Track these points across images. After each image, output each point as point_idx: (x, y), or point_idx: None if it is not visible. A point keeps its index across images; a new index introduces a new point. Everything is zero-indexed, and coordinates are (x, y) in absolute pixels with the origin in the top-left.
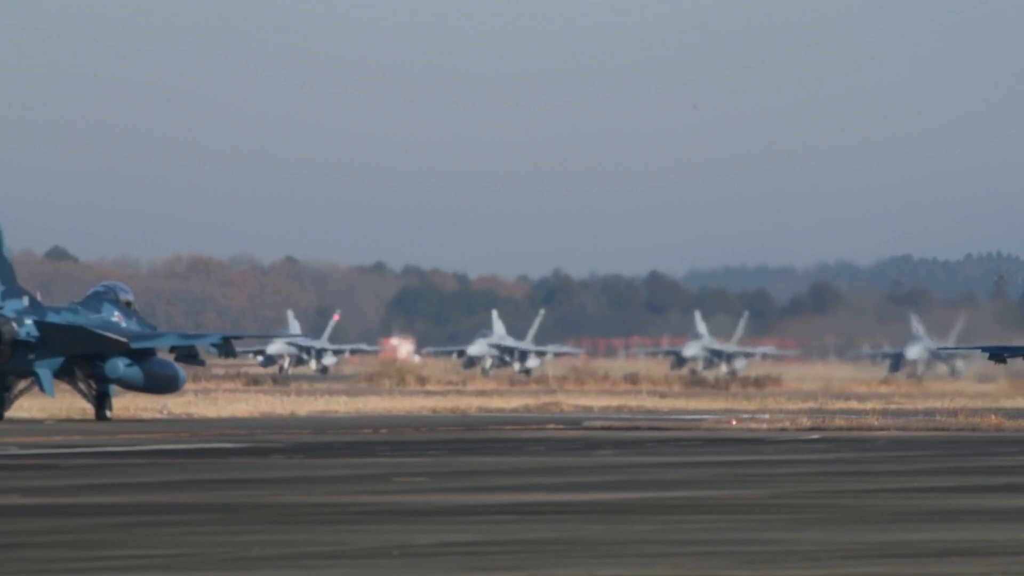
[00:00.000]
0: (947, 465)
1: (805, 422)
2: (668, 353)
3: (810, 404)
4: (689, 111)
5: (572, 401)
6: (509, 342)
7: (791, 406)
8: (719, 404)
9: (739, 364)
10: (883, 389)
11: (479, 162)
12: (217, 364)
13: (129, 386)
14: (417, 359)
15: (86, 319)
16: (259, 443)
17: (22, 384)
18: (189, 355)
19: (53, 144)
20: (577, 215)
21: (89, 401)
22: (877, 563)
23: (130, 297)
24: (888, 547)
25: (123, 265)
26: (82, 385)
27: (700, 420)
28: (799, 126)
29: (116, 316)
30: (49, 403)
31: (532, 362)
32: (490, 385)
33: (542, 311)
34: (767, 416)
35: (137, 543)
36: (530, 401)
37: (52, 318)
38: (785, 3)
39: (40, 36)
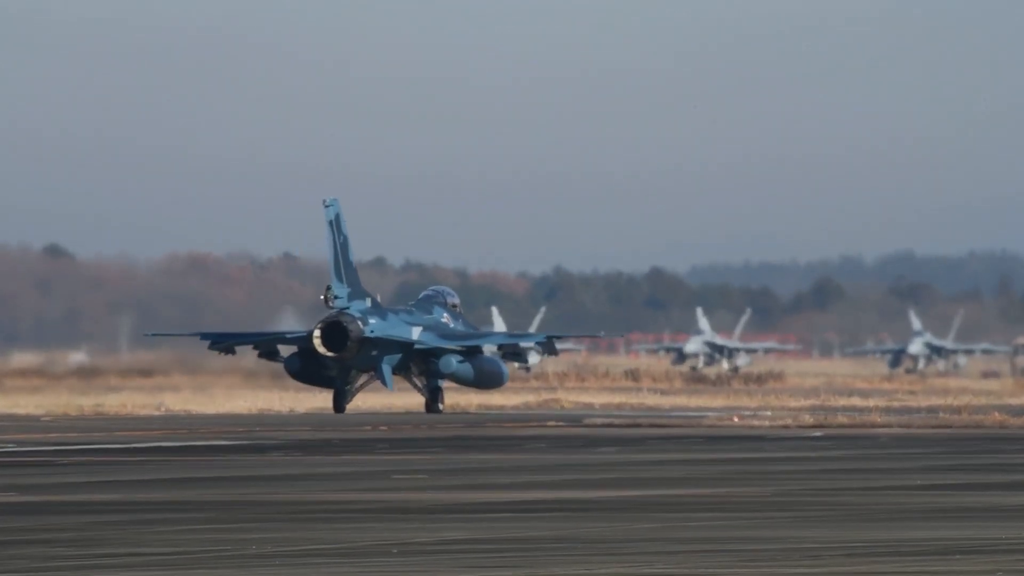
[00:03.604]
0: (950, 463)
1: (807, 419)
2: (669, 349)
3: (812, 401)
4: (690, 107)
5: (573, 398)
6: None
7: (793, 403)
8: (721, 401)
9: (741, 360)
10: (886, 386)
11: (479, 157)
12: (216, 361)
13: (460, 381)
14: None
15: (420, 320)
16: (257, 440)
17: (363, 378)
18: (514, 353)
19: (50, 140)
20: (578, 211)
21: (423, 395)
22: (880, 561)
23: (456, 300)
24: (891, 545)
25: (121, 262)
26: (416, 380)
27: (702, 417)
28: (801, 122)
29: (445, 317)
30: (47, 400)
31: (533, 359)
32: None
33: (543, 308)
34: (769, 413)
35: (135, 541)
36: (531, 398)
37: (390, 318)
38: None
39: (38, 34)
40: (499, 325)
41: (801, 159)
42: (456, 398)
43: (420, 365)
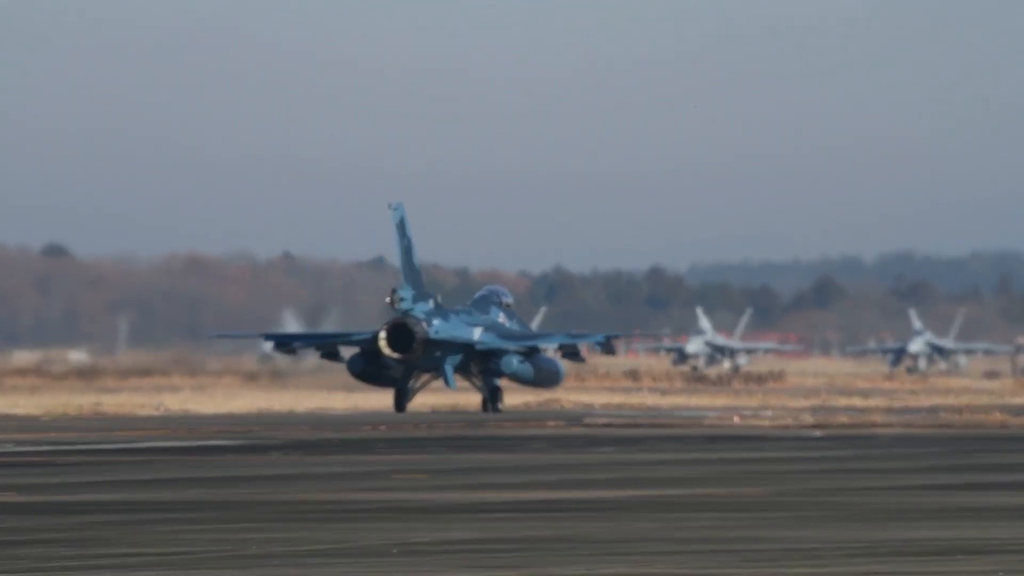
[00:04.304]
0: (951, 462)
1: (808, 419)
2: (670, 349)
3: (813, 401)
4: (690, 107)
5: (573, 398)
6: None
7: (794, 403)
8: (721, 401)
9: (742, 360)
10: (887, 385)
11: (479, 157)
12: (215, 361)
13: (520, 380)
14: None
15: (479, 320)
16: (257, 440)
17: (425, 378)
18: (573, 353)
19: (49, 140)
20: (578, 210)
21: (483, 394)
22: (881, 561)
23: (510, 300)
24: (892, 545)
25: (120, 262)
26: (476, 379)
27: (702, 417)
28: (801, 121)
29: (501, 317)
30: (46, 400)
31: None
32: None
33: (543, 308)
34: (770, 413)
35: (134, 541)
36: (531, 398)
37: (452, 319)
38: None
39: (38, 34)
40: None
41: (802, 158)
42: (456, 398)
43: (480, 365)
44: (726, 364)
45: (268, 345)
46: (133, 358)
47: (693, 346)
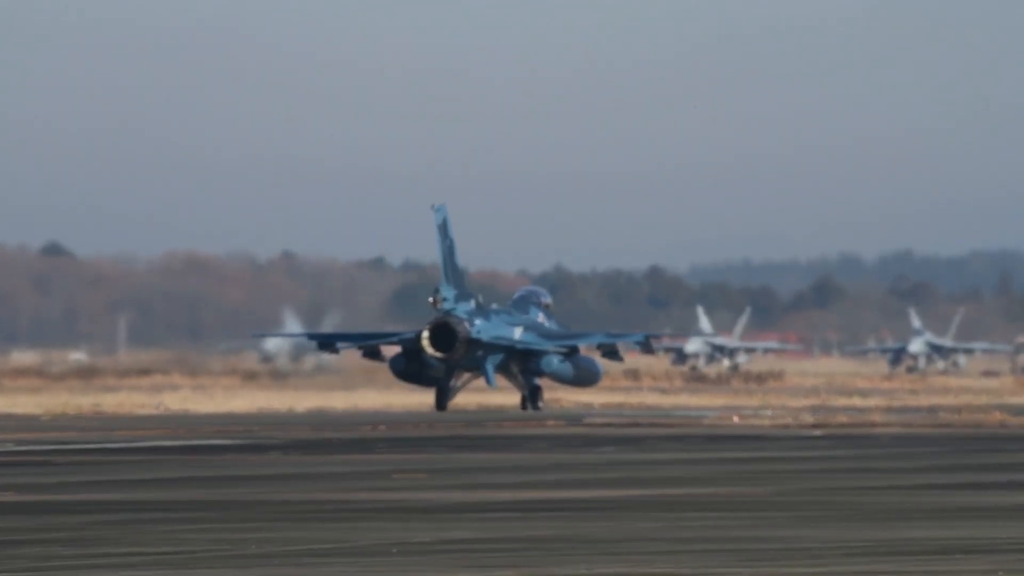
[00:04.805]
0: (951, 462)
1: (808, 419)
2: (669, 349)
3: (812, 400)
4: (690, 106)
5: (573, 398)
6: None
7: (793, 403)
8: (721, 400)
9: (741, 359)
10: (886, 385)
11: (479, 156)
12: (214, 361)
13: (559, 380)
14: None
15: (519, 320)
16: (257, 440)
17: (466, 377)
18: (611, 352)
19: (49, 139)
20: (578, 209)
21: (523, 392)
22: (880, 561)
23: (549, 300)
24: (891, 544)
25: (120, 261)
26: (516, 379)
27: (702, 416)
28: (801, 121)
29: (540, 317)
30: (46, 400)
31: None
32: None
33: None
34: (770, 412)
35: (133, 540)
36: None
37: (493, 319)
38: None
39: (38, 33)
40: None
41: (801, 158)
42: (456, 397)
43: (520, 364)
44: (725, 364)
45: (275, 342)
46: (133, 358)
47: (693, 346)
